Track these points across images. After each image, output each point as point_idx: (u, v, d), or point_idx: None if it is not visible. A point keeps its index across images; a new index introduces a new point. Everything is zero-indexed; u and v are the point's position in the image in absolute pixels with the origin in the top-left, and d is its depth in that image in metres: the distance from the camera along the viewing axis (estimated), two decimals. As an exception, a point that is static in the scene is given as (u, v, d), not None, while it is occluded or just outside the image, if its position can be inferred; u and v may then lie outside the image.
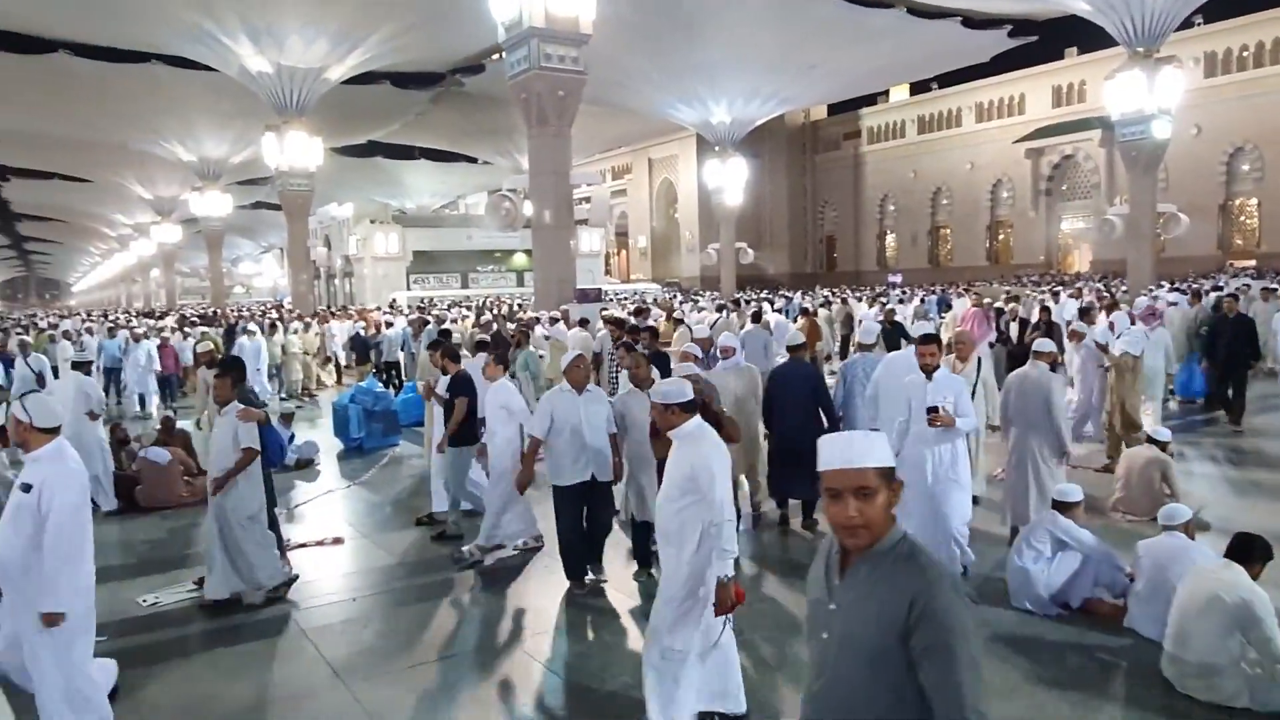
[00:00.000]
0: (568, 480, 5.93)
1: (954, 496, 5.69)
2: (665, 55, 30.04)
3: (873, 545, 1.98)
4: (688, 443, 4.07)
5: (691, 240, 59.97)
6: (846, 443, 2.01)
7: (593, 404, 6.01)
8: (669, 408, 4.12)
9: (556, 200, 20.23)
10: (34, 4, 24.72)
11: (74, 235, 76.82)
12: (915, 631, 1.88)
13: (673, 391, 4.15)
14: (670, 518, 4.03)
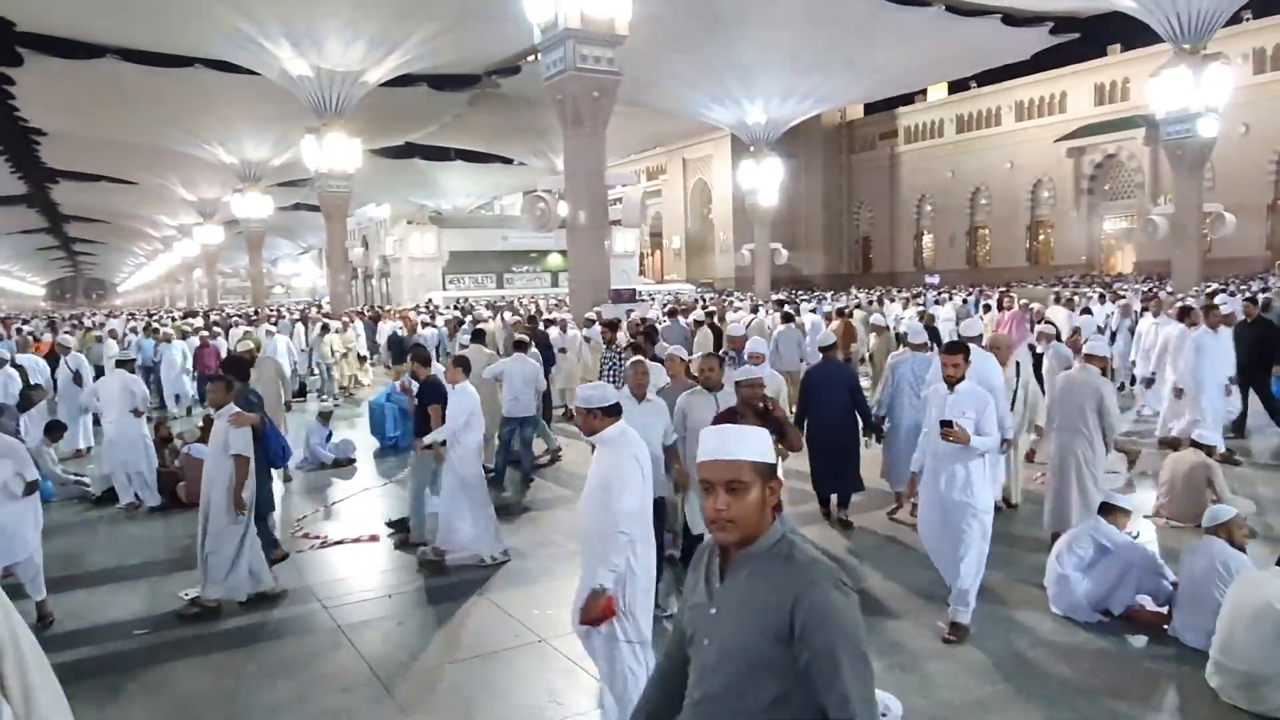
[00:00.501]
0: None
1: (966, 526, 5.12)
2: (700, 55, 30.00)
3: (749, 544, 1.92)
4: (609, 448, 4.02)
5: (726, 241, 59.80)
6: (722, 435, 1.97)
7: (651, 414, 5.49)
8: (592, 412, 4.05)
9: (591, 201, 20.27)
10: (83, 10, 25.33)
11: (119, 236, 78.46)
12: (798, 633, 1.82)
13: (595, 396, 4.09)
14: (590, 521, 3.99)
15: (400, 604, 6.14)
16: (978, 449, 5.08)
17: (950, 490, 5.15)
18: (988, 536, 5.19)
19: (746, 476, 1.90)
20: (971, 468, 5.12)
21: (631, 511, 3.87)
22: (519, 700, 4.65)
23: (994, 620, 5.36)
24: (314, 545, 7.52)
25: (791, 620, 1.82)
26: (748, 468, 1.90)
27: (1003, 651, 4.94)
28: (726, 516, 1.89)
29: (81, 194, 54.10)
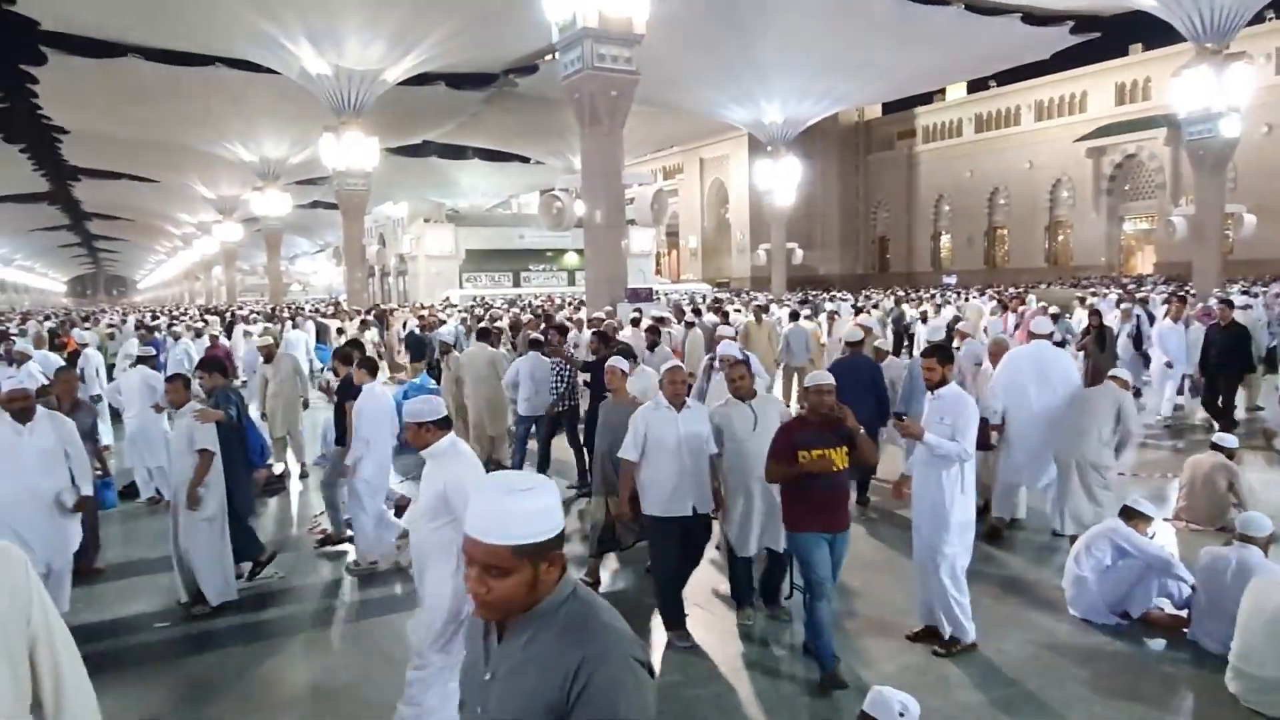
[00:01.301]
0: (665, 511, 5.12)
1: (941, 540, 4.85)
2: (718, 55, 29.98)
3: (529, 608, 1.68)
4: (441, 461, 3.96)
5: (742, 240, 59.74)
6: (488, 512, 1.64)
7: (692, 423, 5.14)
8: (422, 426, 3.98)
9: (608, 200, 20.30)
10: (106, 9, 25.60)
11: (140, 234, 79.24)
12: (573, 710, 1.59)
13: (424, 409, 4.01)
14: (427, 537, 3.94)
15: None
16: (942, 451, 4.74)
17: (925, 499, 4.93)
18: (953, 553, 4.87)
19: (508, 563, 1.62)
20: (945, 479, 4.82)
21: None
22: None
23: (1011, 622, 5.34)
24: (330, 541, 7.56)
25: (567, 695, 1.60)
26: (509, 554, 1.61)
27: (1019, 653, 4.92)
28: (485, 599, 1.66)
29: (103, 192, 54.69)
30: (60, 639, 2.25)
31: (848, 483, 4.79)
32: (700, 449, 5.10)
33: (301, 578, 6.66)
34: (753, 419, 5.18)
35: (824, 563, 4.58)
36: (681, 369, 5.34)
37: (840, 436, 4.60)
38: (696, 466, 5.09)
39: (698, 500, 5.13)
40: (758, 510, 5.22)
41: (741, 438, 5.18)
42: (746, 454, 5.13)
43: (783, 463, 4.59)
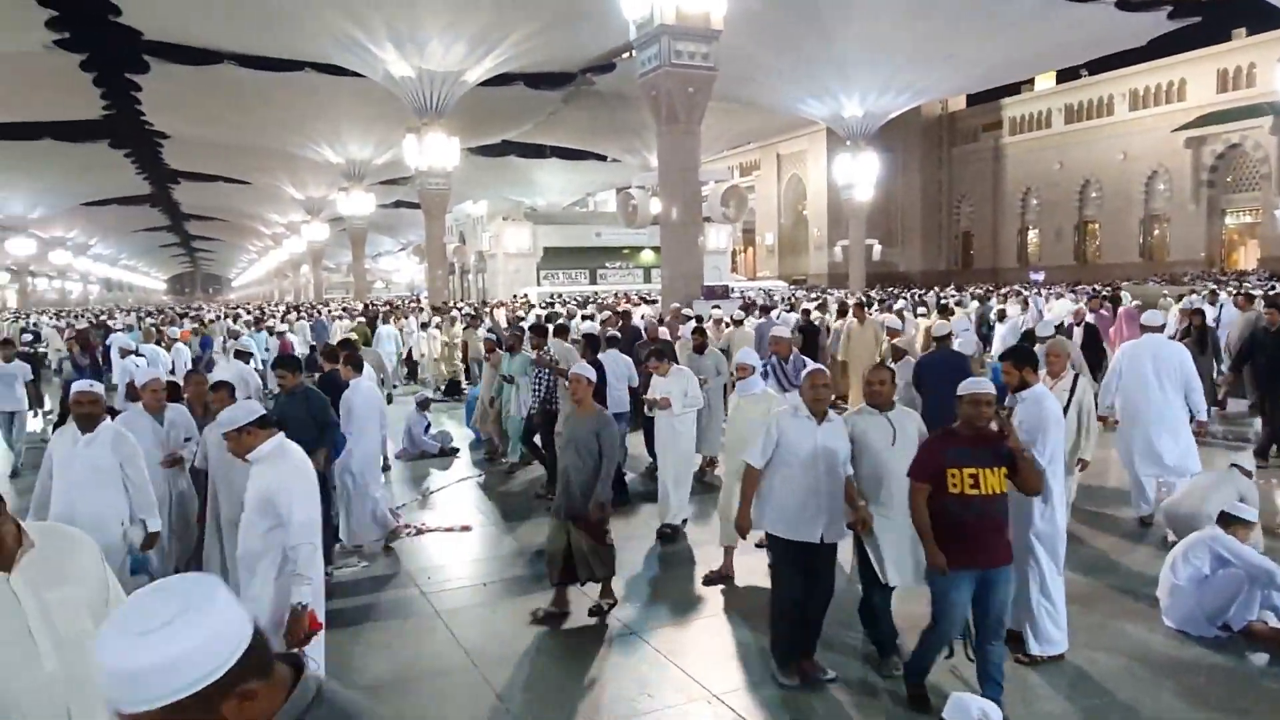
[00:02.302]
0: (790, 533, 4.54)
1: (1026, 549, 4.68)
2: (796, 49, 29.63)
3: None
4: (266, 464, 3.86)
5: (819, 237, 58.94)
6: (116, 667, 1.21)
7: (832, 437, 4.54)
8: (242, 430, 3.85)
9: (684, 197, 20.27)
10: (204, 19, 26.73)
11: (234, 234, 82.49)
12: None
13: (238, 415, 3.90)
14: (253, 542, 3.85)
15: (495, 592, 6.28)
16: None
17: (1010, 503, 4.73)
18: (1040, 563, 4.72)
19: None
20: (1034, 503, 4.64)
21: (308, 522, 3.76)
22: (612, 691, 4.70)
23: (1100, 630, 5.14)
24: (410, 533, 7.76)
25: None
26: (161, 716, 1.21)
27: (1109, 663, 4.74)
28: None
29: (200, 193, 57.16)
30: None
31: (1005, 511, 4.13)
32: (837, 467, 4.51)
33: (386, 567, 6.85)
34: (891, 431, 4.58)
35: (961, 608, 4.02)
36: (824, 373, 4.75)
37: (999, 456, 4.00)
38: (832, 487, 4.48)
39: (829, 526, 4.51)
40: (904, 534, 4.47)
41: (879, 451, 4.60)
42: (886, 471, 4.55)
43: (929, 482, 4.05)
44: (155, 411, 5.86)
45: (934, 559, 4.03)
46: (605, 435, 5.55)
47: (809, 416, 4.55)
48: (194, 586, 1.28)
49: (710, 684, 4.71)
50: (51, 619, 2.14)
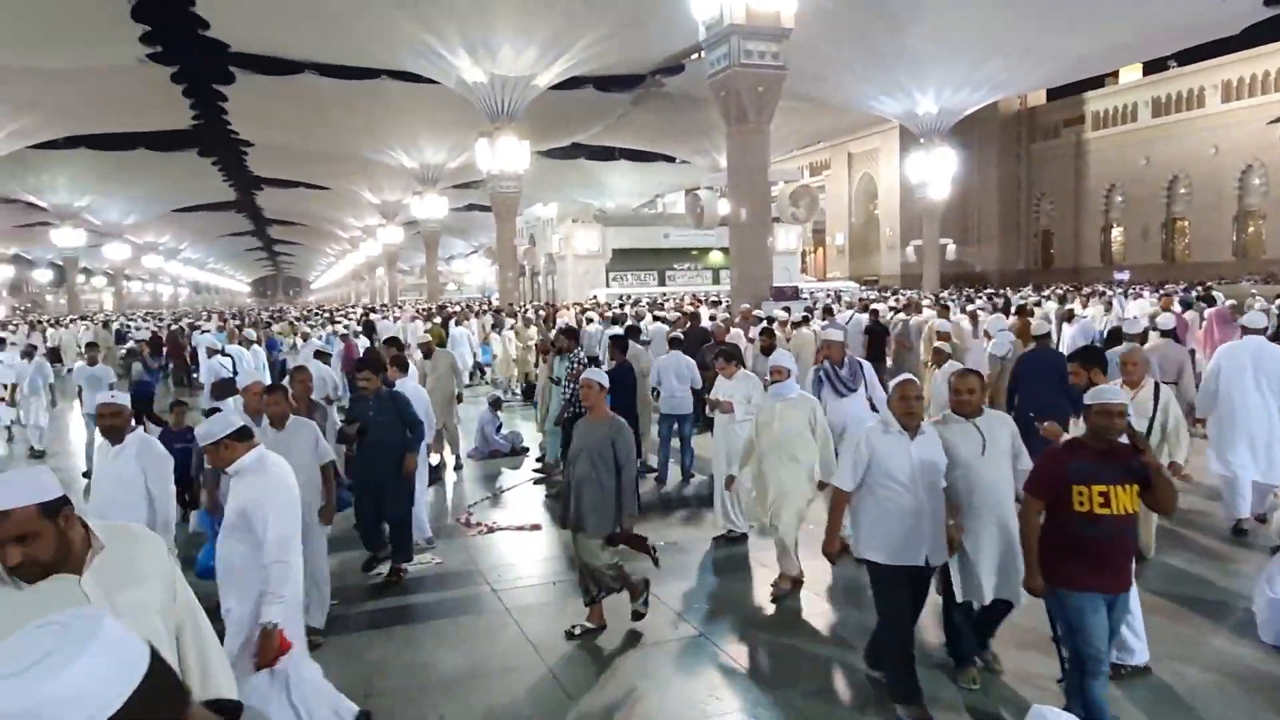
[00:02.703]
0: (894, 559, 4.19)
1: None
2: (868, 45, 29.18)
3: None
4: (246, 477, 3.76)
5: (892, 237, 57.93)
6: None
7: (927, 450, 4.21)
8: (219, 443, 3.74)
9: (754, 197, 20.17)
10: (287, 30, 27.65)
11: (313, 237, 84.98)
12: None
13: (214, 429, 3.79)
14: (232, 558, 3.78)
15: (564, 591, 6.33)
16: None
17: None
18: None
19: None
20: None
21: (284, 538, 3.66)
22: (679, 692, 4.71)
23: (1189, 644, 4.94)
24: (481, 531, 7.88)
25: None
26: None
27: (1198, 679, 4.54)
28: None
29: (281, 199, 59.11)
30: (200, 618, 2.33)
31: (1135, 533, 3.88)
32: (936, 483, 4.20)
33: (458, 564, 6.97)
34: (980, 440, 4.33)
35: (1101, 632, 3.70)
36: (915, 383, 4.34)
37: (1131, 472, 3.64)
38: (934, 505, 4.17)
39: (932, 549, 4.20)
40: (992, 549, 4.32)
41: (968, 462, 4.32)
42: (976, 482, 4.31)
43: (1048, 498, 3.73)
44: (255, 414, 5.81)
45: (1032, 581, 3.80)
46: (620, 443, 5.26)
47: (901, 431, 4.20)
48: (74, 620, 1.18)
49: (777, 689, 4.68)
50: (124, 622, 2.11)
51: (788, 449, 5.91)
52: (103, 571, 2.11)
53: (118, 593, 2.10)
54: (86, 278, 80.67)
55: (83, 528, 2.13)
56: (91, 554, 2.11)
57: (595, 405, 5.41)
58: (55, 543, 2.01)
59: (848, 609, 5.75)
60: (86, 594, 2.06)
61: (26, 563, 1.99)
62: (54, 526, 2.01)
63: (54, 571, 2.04)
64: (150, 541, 2.30)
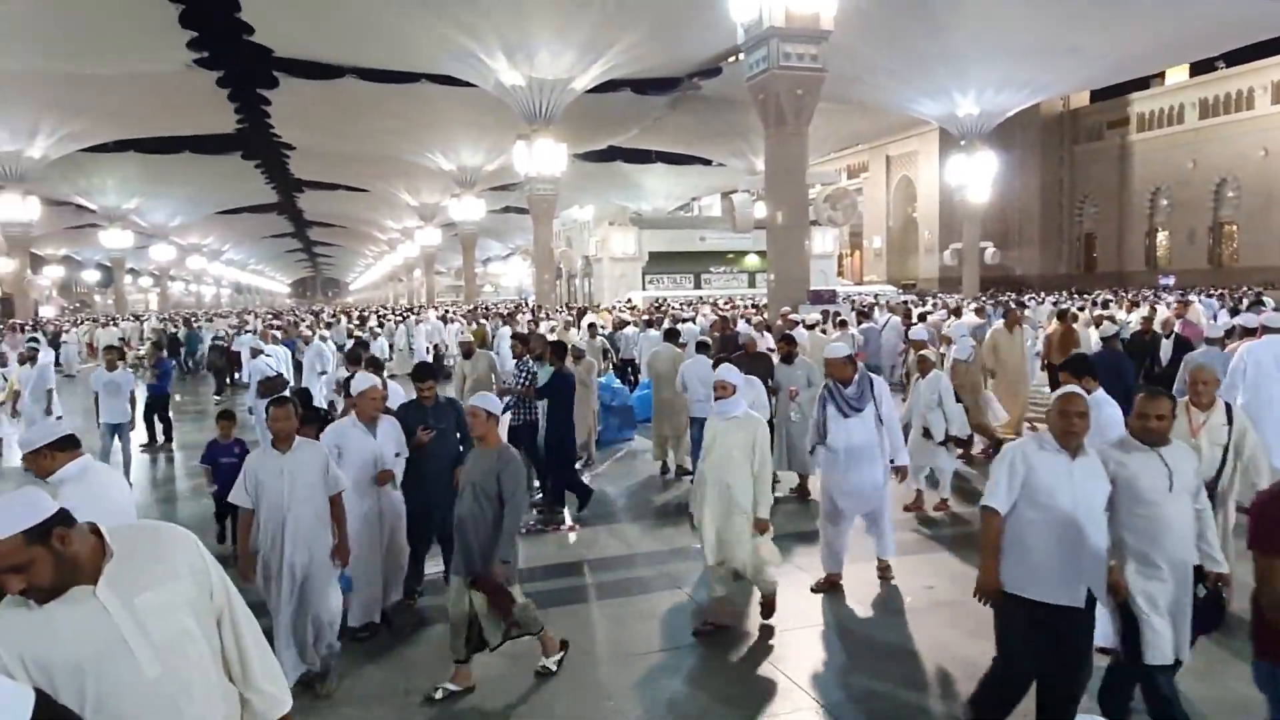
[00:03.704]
0: (1046, 595, 3.66)
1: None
2: (908, 46, 28.92)
3: None
4: (66, 486, 3.48)
5: (930, 240, 57.34)
6: None
7: (1090, 475, 3.71)
8: (39, 453, 3.57)
9: (791, 201, 20.06)
10: (329, 37, 28.08)
11: (352, 239, 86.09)
12: None
13: (36, 436, 3.65)
14: None
15: (599, 592, 6.34)
16: None
17: None
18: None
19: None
20: None
21: None
22: (722, 695, 4.69)
23: (1238, 659, 4.79)
24: (519, 531, 7.90)
25: None
26: None
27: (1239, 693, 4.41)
28: None
29: (322, 201, 60.00)
30: (241, 612, 2.32)
31: None
32: (1099, 514, 3.69)
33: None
34: (1167, 475, 3.72)
35: None
36: (1078, 398, 3.75)
37: None
38: (1096, 537, 3.64)
39: (1093, 587, 3.67)
40: (1173, 601, 3.75)
41: (1153, 499, 3.72)
42: (1162, 524, 3.73)
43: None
44: (370, 422, 5.51)
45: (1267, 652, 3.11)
46: (507, 477, 4.62)
47: (1059, 450, 3.69)
48: None
49: (820, 695, 4.64)
50: (145, 625, 2.06)
51: (723, 476, 5.35)
52: (118, 578, 2.06)
53: (136, 596, 2.06)
54: (133, 278, 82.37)
55: (94, 535, 2.08)
56: (105, 561, 2.07)
57: (485, 435, 4.79)
58: (52, 565, 1.95)
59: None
60: (104, 603, 2.02)
61: (29, 589, 1.95)
62: (46, 550, 1.94)
63: (64, 589, 2.00)
64: (176, 537, 2.25)
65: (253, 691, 2.32)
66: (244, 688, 2.31)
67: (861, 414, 6.07)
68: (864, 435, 6.06)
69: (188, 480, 10.92)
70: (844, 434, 6.06)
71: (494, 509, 4.62)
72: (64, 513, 2.01)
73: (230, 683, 2.28)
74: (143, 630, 2.05)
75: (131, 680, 2.03)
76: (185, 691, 2.10)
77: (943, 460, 8.19)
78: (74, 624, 2.01)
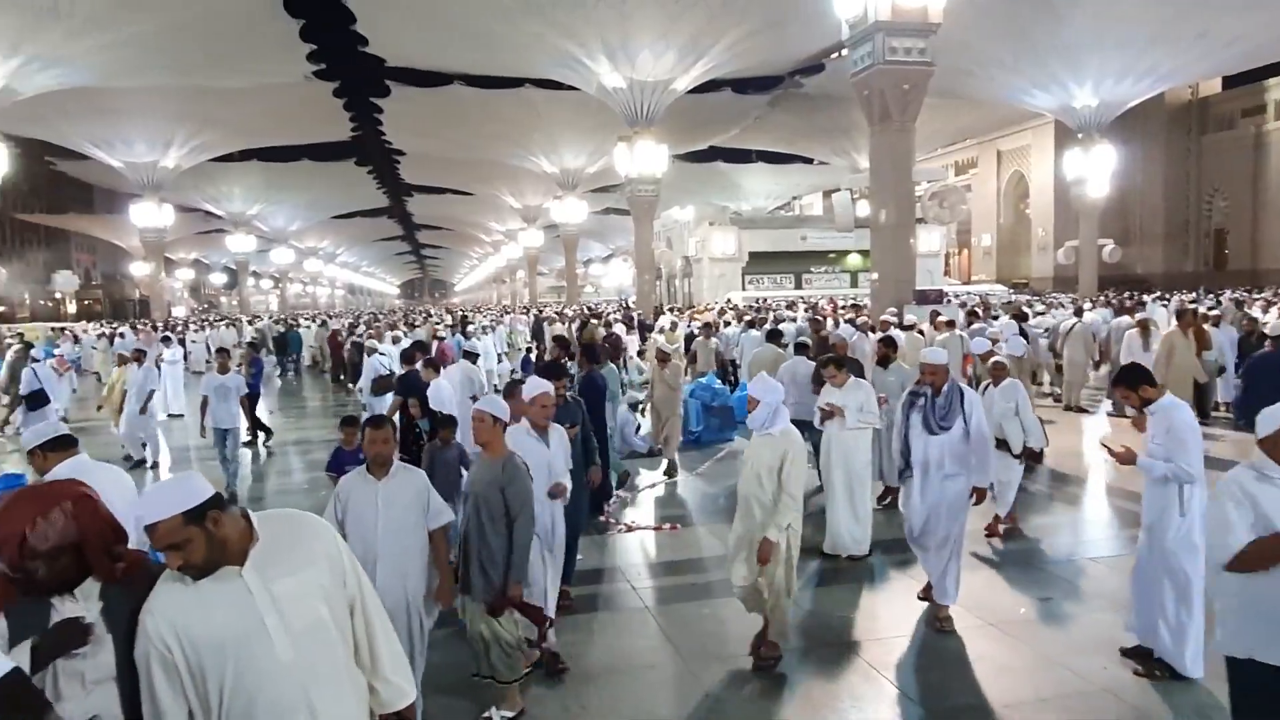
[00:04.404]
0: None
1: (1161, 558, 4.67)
2: (1021, 37, 27.85)
3: None
4: None
5: (1044, 238, 55.05)
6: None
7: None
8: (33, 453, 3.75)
9: (897, 198, 19.60)
10: (438, 44, 29.00)
11: (458, 241, 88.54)
12: None
13: (28, 439, 3.84)
14: None
15: (701, 590, 6.35)
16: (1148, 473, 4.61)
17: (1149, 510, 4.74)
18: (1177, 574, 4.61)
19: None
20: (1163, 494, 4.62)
21: None
22: (819, 699, 4.64)
23: None
24: (620, 530, 7.99)
25: None
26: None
27: None
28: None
29: (429, 204, 62.05)
30: (372, 602, 2.43)
31: None
32: None
33: (596, 560, 7.10)
34: None
35: None
36: None
37: None
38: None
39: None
40: None
41: None
42: None
43: None
44: (542, 430, 5.09)
45: None
46: (512, 491, 4.23)
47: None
48: None
49: (923, 700, 4.54)
50: (283, 610, 2.19)
51: (747, 499, 4.90)
52: (261, 561, 2.22)
53: (276, 581, 2.21)
54: (255, 280, 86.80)
55: (244, 520, 2.25)
56: (252, 545, 2.23)
57: (489, 442, 4.36)
58: (205, 544, 2.13)
59: (999, 625, 5.50)
60: (247, 584, 2.18)
61: (185, 566, 2.14)
62: (201, 530, 2.12)
63: (215, 568, 2.17)
64: (316, 527, 2.39)
65: (380, 680, 2.42)
66: (372, 676, 2.42)
67: (949, 433, 5.46)
68: (947, 453, 5.46)
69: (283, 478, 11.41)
70: (925, 450, 5.53)
71: (499, 525, 4.22)
72: (219, 497, 2.19)
73: (358, 671, 2.38)
74: (280, 615, 2.19)
75: (266, 662, 2.16)
76: (315, 677, 2.21)
77: (1013, 473, 7.51)
78: (222, 602, 2.17)
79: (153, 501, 2.12)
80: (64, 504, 2.19)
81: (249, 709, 2.15)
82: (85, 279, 77.83)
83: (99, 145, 37.56)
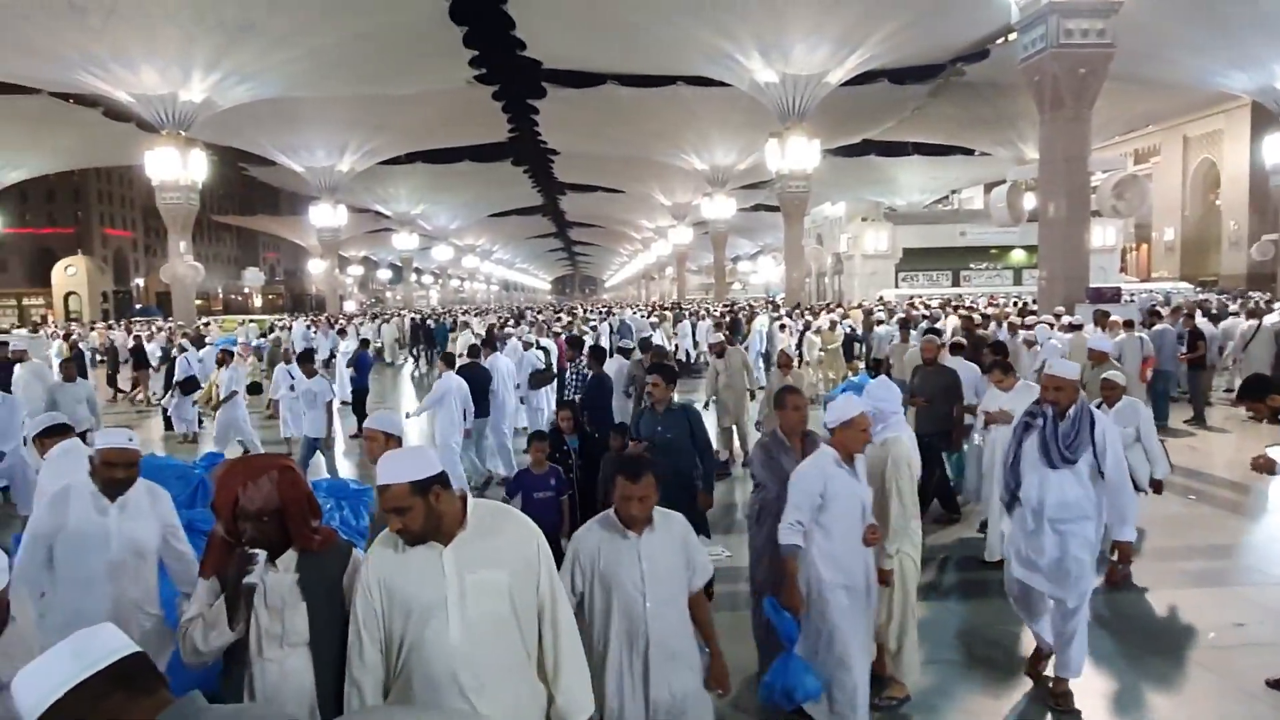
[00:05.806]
0: None
1: None
2: (1213, 13, 25.53)
3: None
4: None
5: (1237, 232, 50.38)
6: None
7: None
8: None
9: (1070, 190, 18.46)
10: (592, 45, 29.65)
11: (608, 238, 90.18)
12: None
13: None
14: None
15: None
16: None
17: None
18: None
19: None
20: None
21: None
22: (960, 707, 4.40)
23: None
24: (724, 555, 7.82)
25: None
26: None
27: None
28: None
29: (581, 202, 63.58)
30: (563, 614, 2.46)
31: None
32: None
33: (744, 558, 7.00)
34: None
35: None
36: None
37: None
38: None
39: None
40: None
41: None
42: None
43: None
44: (850, 459, 3.99)
45: None
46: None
47: None
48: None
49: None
50: (466, 597, 2.29)
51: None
52: (463, 548, 2.34)
53: (469, 571, 2.31)
54: (417, 276, 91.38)
55: (460, 505, 2.37)
56: (460, 530, 2.34)
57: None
58: (424, 516, 2.28)
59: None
60: (444, 564, 2.30)
61: (402, 530, 2.29)
62: (424, 501, 2.27)
63: (427, 538, 2.31)
64: (522, 528, 2.47)
65: (560, 691, 2.46)
66: (552, 685, 2.46)
67: (1073, 467, 4.25)
68: (1071, 494, 4.27)
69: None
70: (1041, 489, 4.32)
71: None
72: (444, 474, 2.34)
73: (539, 678, 2.44)
74: (462, 601, 2.30)
75: (438, 639, 2.28)
76: (480, 666, 2.29)
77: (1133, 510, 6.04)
78: (420, 573, 2.32)
79: (390, 467, 2.29)
80: (270, 473, 2.40)
81: (410, 676, 2.29)
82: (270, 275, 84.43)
83: (284, 151, 40.61)
